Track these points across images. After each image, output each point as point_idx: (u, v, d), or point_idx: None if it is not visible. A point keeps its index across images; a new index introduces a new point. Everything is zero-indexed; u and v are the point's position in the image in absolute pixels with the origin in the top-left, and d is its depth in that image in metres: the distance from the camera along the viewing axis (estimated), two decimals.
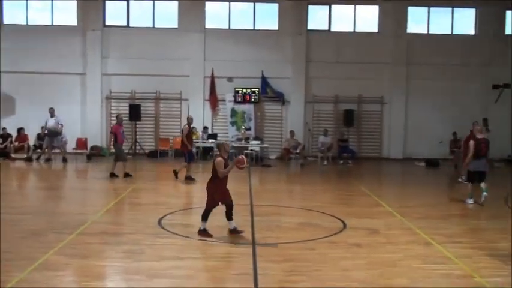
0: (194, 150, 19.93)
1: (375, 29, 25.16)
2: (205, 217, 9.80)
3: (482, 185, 13.78)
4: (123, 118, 18.73)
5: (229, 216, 9.83)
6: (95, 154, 23.17)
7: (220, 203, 9.84)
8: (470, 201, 13.99)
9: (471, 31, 25.57)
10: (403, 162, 24.04)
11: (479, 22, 25.35)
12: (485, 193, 13.60)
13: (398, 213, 12.32)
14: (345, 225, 11.01)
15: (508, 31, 25.34)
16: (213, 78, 24.31)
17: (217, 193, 9.74)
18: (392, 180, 19.74)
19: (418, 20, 25.23)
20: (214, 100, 24.50)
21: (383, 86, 25.08)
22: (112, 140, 17.41)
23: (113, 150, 17.67)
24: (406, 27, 25.05)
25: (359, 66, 24.57)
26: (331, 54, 24.76)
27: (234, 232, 9.85)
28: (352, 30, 25.12)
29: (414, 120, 25.08)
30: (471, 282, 7.77)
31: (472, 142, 13.79)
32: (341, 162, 23.06)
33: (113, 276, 7.89)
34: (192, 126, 23.25)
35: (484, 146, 13.85)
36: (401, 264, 8.53)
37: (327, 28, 25.12)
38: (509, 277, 8.02)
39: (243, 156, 9.86)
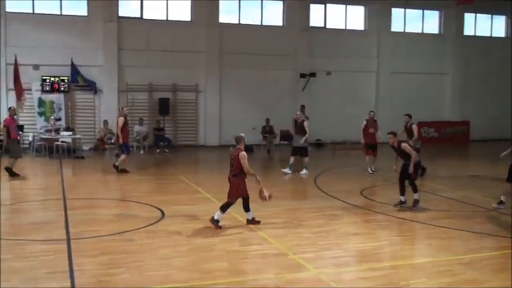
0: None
1: (187, 18, 25.27)
2: (225, 209, 10.11)
3: (306, 159, 17.03)
4: None
5: (246, 207, 10.34)
6: None
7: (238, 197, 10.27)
8: (289, 170, 16.94)
9: (279, 22, 26.85)
10: (219, 149, 24.52)
11: (287, 14, 26.70)
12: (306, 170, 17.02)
13: (216, 199, 12.54)
14: (163, 214, 11.00)
15: (312, 23, 27.03)
16: (16, 65, 22.52)
17: (242, 186, 10.18)
18: (210, 167, 20.08)
19: (229, 10, 25.86)
20: (19, 89, 22.74)
21: (198, 74, 25.30)
22: (6, 135, 16.16)
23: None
24: (218, 17, 25.50)
25: (173, 54, 24.47)
26: (144, 42, 24.33)
27: (252, 222, 10.30)
28: (165, 18, 24.94)
29: (229, 107, 25.68)
30: (286, 259, 8.22)
31: (305, 123, 16.95)
32: (158, 151, 22.91)
33: None
34: None
35: None
36: (219, 248, 8.74)
37: (139, 16, 24.67)
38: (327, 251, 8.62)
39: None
